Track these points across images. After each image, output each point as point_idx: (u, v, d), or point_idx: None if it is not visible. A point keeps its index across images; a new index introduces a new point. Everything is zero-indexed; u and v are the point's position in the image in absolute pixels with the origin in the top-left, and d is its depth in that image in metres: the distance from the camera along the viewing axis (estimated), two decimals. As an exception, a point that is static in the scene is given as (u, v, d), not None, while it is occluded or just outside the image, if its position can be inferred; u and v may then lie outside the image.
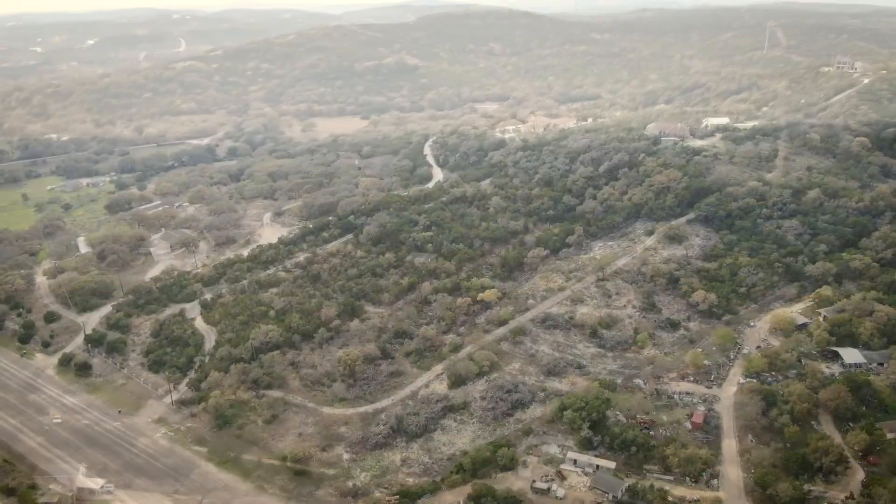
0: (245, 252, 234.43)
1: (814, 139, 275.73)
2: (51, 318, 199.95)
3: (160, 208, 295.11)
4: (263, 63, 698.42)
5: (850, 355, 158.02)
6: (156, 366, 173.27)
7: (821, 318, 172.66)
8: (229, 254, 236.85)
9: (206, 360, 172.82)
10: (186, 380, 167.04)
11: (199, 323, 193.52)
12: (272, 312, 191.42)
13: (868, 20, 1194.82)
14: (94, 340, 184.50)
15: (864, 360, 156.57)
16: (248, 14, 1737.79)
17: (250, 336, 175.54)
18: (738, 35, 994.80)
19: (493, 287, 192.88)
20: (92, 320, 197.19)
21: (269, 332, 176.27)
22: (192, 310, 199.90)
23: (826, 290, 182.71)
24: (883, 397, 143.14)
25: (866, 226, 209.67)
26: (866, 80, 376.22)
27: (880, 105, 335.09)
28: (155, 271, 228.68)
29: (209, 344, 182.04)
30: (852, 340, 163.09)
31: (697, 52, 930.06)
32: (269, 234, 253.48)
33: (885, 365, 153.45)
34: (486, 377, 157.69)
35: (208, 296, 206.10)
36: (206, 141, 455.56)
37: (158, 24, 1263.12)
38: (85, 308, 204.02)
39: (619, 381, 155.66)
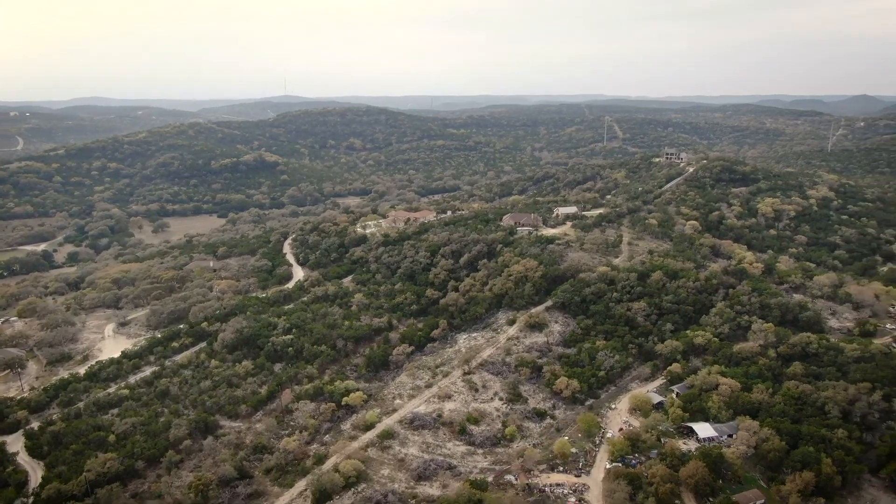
0: (82, 370, 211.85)
1: (652, 224, 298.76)
2: None
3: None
4: (111, 162, 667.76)
5: (704, 430, 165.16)
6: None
7: (674, 396, 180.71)
8: (63, 373, 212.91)
9: (30, 502, 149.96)
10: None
11: (23, 457, 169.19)
12: (112, 437, 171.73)
13: (688, 115, 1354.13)
14: None
15: (716, 434, 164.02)
16: (96, 111, 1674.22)
17: (85, 468, 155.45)
18: (581, 129, 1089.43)
19: (358, 389, 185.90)
20: None
21: (108, 462, 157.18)
22: (15, 442, 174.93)
23: (676, 368, 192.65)
24: (735, 468, 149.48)
25: (704, 303, 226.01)
26: (691, 169, 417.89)
27: (704, 191, 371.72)
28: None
29: (34, 482, 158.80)
30: (703, 415, 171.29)
31: (546, 144, 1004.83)
32: (112, 347, 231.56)
33: (734, 436, 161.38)
34: (353, 489, 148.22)
35: (35, 424, 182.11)
36: (42, 247, 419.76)
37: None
38: None
39: (490, 478, 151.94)
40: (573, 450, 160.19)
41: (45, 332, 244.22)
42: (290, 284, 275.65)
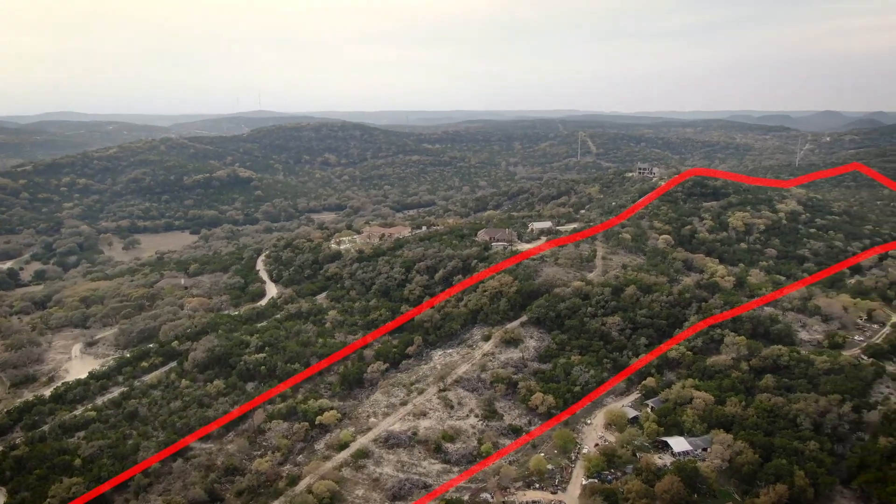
0: (47, 392, 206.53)
1: (626, 239, 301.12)
2: None
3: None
4: (80, 178, 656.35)
5: (678, 444, 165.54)
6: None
7: (648, 410, 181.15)
8: (28, 395, 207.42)
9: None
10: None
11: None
12: (78, 461, 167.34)
13: (660, 130, 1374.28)
14: None
15: (691, 448, 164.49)
16: (65, 126, 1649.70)
17: (49, 493, 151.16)
18: (555, 144, 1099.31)
19: (332, 408, 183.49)
20: None
21: (73, 487, 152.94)
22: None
23: (650, 382, 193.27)
24: (710, 482, 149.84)
25: (678, 317, 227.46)
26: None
27: (677, 205, 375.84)
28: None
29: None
30: (678, 428, 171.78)
31: (521, 159, 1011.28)
32: (79, 368, 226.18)
33: (708, 450, 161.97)
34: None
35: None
36: (7, 264, 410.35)
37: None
38: None
39: (466, 497, 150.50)
40: (549, 466, 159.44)
41: (9, 353, 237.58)
42: (264, 302, 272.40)
